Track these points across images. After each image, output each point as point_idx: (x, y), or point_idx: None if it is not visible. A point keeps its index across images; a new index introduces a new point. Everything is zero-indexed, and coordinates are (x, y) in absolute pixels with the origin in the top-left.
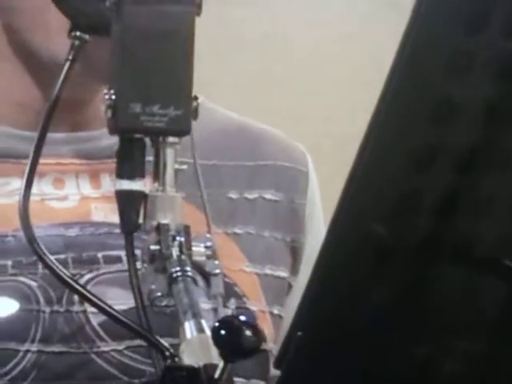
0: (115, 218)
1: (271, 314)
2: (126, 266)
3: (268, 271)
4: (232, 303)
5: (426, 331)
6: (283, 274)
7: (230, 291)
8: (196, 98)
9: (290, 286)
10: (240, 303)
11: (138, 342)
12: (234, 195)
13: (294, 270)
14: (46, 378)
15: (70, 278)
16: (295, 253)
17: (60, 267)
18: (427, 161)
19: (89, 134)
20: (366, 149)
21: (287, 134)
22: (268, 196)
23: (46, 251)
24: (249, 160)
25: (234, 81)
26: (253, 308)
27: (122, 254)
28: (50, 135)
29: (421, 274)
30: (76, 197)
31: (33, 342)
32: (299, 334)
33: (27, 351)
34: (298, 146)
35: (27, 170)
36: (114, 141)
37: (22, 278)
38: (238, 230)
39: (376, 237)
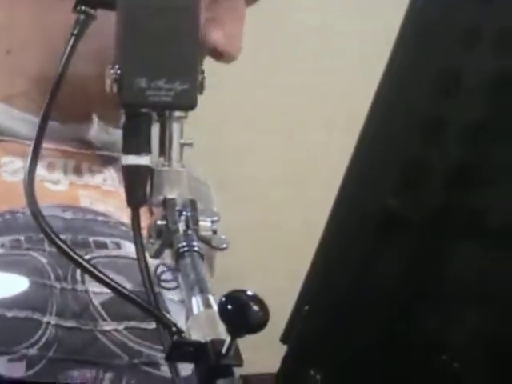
0: (99, 207)
1: None
2: (112, 252)
3: None
4: None
5: (437, 304)
6: None
7: None
8: (202, 72)
9: None
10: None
11: (134, 323)
12: None
13: None
14: (64, 351)
15: (76, 254)
16: None
17: (66, 243)
18: (435, 132)
19: (80, 126)
20: (373, 120)
21: (303, 110)
22: None
23: (52, 228)
24: None
25: (251, 59)
26: None
27: (108, 240)
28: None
29: (432, 245)
30: (65, 181)
31: (51, 314)
32: (306, 308)
33: (48, 323)
34: None
35: (32, 146)
36: (97, 132)
37: (34, 253)
38: None
39: (386, 208)
